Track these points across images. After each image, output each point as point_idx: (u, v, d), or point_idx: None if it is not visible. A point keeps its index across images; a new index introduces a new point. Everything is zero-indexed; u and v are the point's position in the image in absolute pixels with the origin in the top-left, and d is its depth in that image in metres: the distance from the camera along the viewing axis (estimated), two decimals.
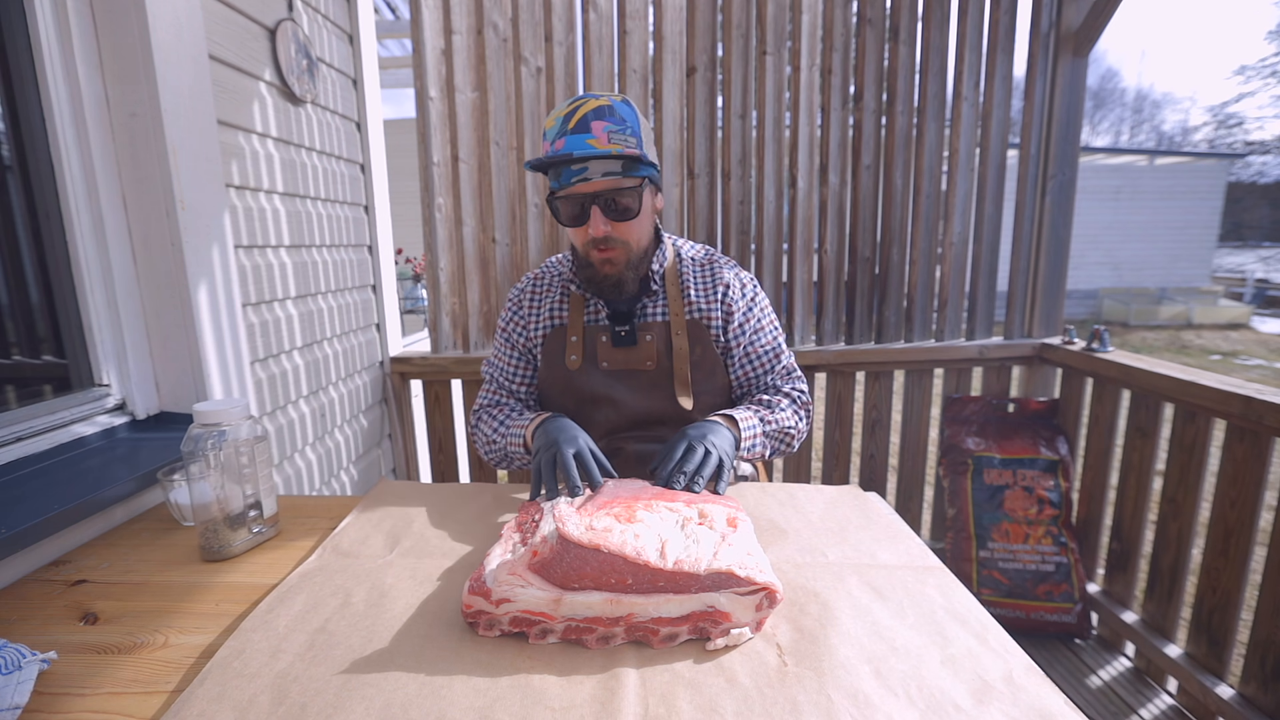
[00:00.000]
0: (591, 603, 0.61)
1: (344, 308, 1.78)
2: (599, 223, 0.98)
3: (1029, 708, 0.53)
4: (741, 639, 0.62)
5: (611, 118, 0.96)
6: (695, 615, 0.62)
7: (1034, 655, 1.40)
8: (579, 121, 0.95)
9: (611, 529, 0.66)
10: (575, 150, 0.93)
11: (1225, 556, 1.45)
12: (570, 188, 0.98)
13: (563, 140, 0.96)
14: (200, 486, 0.81)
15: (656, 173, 1.03)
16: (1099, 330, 1.89)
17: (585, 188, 0.97)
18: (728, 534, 0.69)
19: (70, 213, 1.06)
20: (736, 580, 0.62)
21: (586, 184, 0.97)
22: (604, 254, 1.03)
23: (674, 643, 0.62)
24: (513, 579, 0.62)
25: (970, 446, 1.98)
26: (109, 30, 1.06)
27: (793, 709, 0.53)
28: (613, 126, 0.96)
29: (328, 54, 1.70)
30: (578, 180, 0.96)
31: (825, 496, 0.96)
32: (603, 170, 0.96)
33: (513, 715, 0.52)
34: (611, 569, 0.61)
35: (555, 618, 0.62)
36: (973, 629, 0.63)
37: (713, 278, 1.13)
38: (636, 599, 0.61)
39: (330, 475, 1.70)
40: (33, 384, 1.07)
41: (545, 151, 0.99)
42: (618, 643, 0.62)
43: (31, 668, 0.58)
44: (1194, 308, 10.76)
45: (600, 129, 0.95)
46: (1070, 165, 1.96)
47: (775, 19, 1.87)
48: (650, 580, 0.62)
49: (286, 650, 0.61)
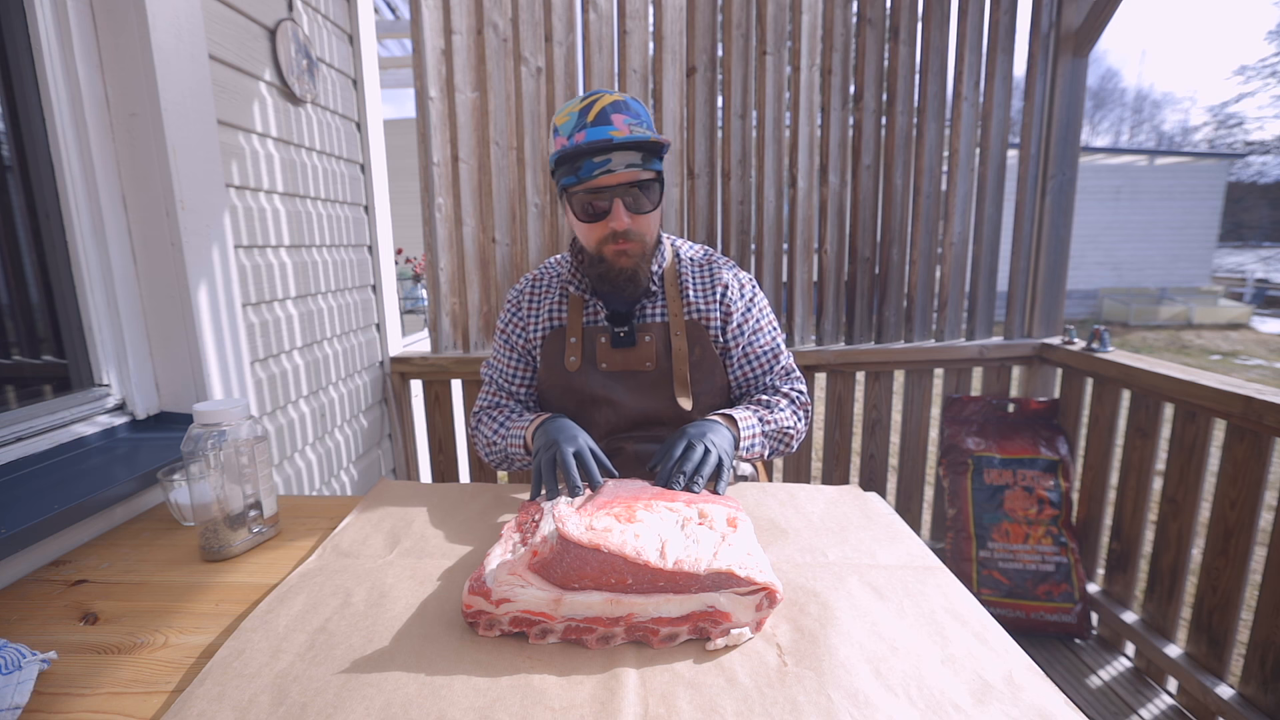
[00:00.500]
0: (591, 603, 0.61)
1: (344, 308, 1.78)
2: (621, 215, 0.98)
3: (1029, 707, 0.53)
4: (741, 639, 0.62)
5: (628, 111, 0.97)
6: (695, 615, 0.62)
7: (1034, 655, 1.40)
8: (598, 114, 0.96)
9: (611, 529, 0.66)
10: (595, 140, 0.93)
11: (1225, 556, 1.45)
12: (593, 180, 0.96)
13: (583, 133, 0.95)
14: (200, 486, 0.81)
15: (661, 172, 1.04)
16: (1099, 330, 1.89)
17: (609, 179, 0.96)
18: (728, 534, 0.69)
19: (70, 213, 1.06)
20: (736, 580, 0.62)
21: (610, 176, 0.96)
22: (619, 246, 1.02)
23: (674, 643, 0.62)
24: (513, 579, 0.62)
25: (970, 446, 1.98)
26: (109, 30, 1.06)
27: (793, 709, 0.53)
28: (631, 119, 0.97)
29: (328, 54, 1.70)
30: (600, 172, 0.96)
31: (825, 496, 0.96)
32: (625, 162, 0.96)
33: (513, 715, 0.52)
34: (611, 569, 0.61)
35: (555, 618, 0.62)
36: (973, 629, 0.63)
37: (711, 278, 1.13)
38: (636, 599, 0.61)
39: (330, 475, 1.70)
40: (33, 384, 1.07)
41: (559, 146, 0.99)
42: (618, 643, 0.62)
43: (31, 668, 0.58)
44: (1194, 308, 10.76)
45: (621, 121, 0.96)
46: (1070, 165, 1.96)
47: (775, 19, 1.87)
48: (650, 580, 0.62)
49: (287, 650, 0.61)
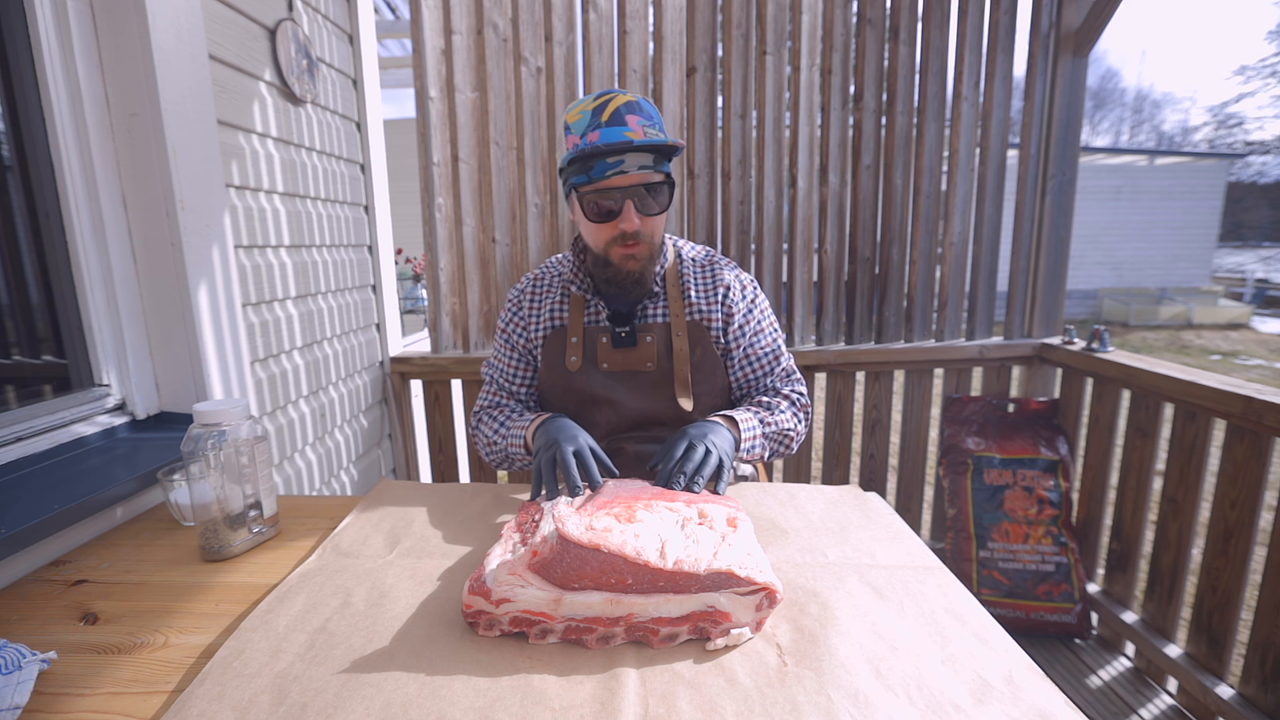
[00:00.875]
0: (591, 603, 0.61)
1: (344, 308, 1.78)
2: (632, 216, 0.97)
3: (1029, 707, 0.53)
4: (741, 639, 0.62)
5: (641, 112, 0.97)
6: (695, 615, 0.62)
7: (1034, 655, 1.40)
8: (613, 114, 0.95)
9: (611, 529, 0.66)
10: (614, 141, 0.93)
11: (1225, 556, 1.45)
12: (605, 180, 0.96)
13: (597, 133, 0.95)
14: (200, 486, 0.81)
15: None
16: (1099, 330, 1.89)
17: (621, 181, 0.96)
18: (728, 534, 0.69)
19: (70, 213, 1.06)
20: (736, 580, 0.62)
21: (623, 177, 0.96)
22: (628, 249, 1.01)
23: (674, 643, 0.62)
24: (513, 579, 0.62)
25: (970, 446, 1.98)
26: (109, 30, 1.06)
27: (793, 709, 0.53)
28: (645, 121, 0.96)
29: (328, 54, 1.70)
30: (613, 173, 0.95)
31: (825, 496, 0.96)
32: (638, 164, 0.96)
33: (513, 715, 0.52)
34: (611, 569, 0.61)
35: (555, 618, 0.62)
36: (973, 629, 0.63)
37: (713, 279, 1.14)
38: (636, 599, 0.61)
39: (330, 475, 1.70)
40: (33, 384, 1.07)
41: (572, 145, 0.99)
42: (618, 643, 0.62)
43: (32, 668, 0.58)
44: (1194, 308, 10.76)
45: (635, 122, 0.95)
46: (1070, 165, 1.96)
47: (775, 19, 1.87)
48: (650, 580, 0.62)
49: (287, 650, 0.61)
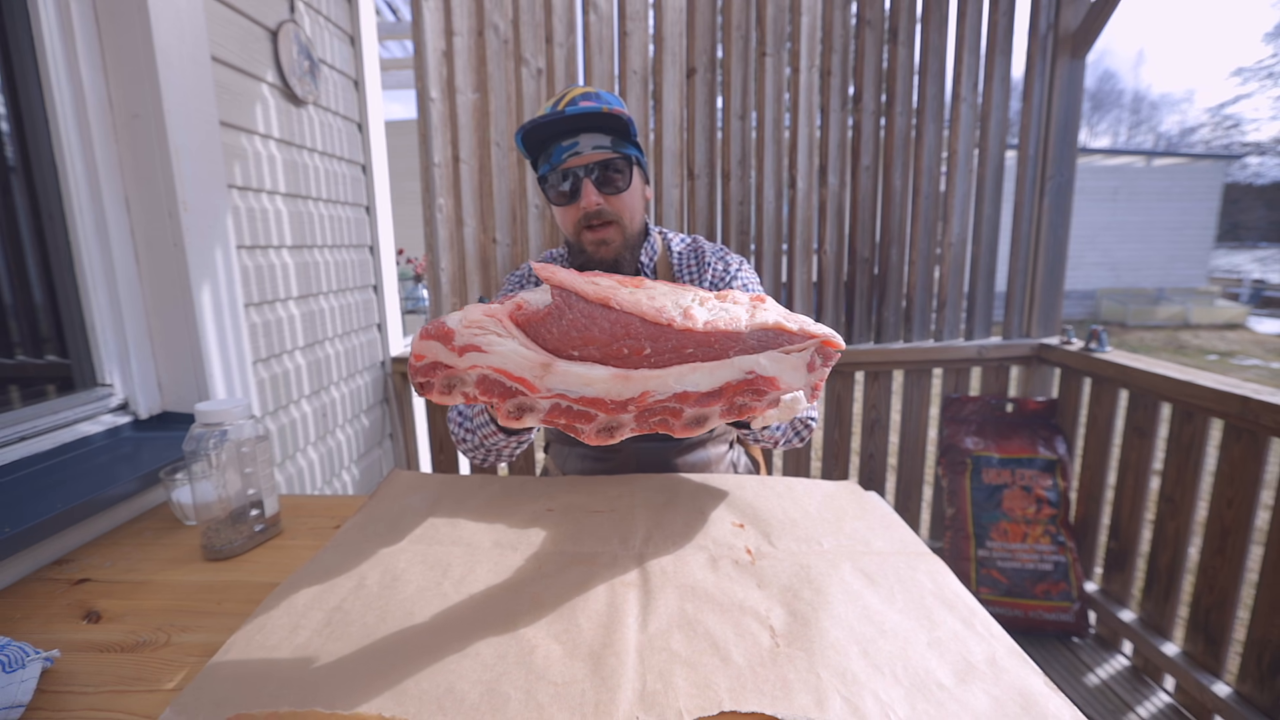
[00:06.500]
0: (593, 378, 0.47)
1: (345, 308, 1.78)
2: (591, 194, 1.00)
3: (1010, 687, 0.53)
4: (798, 406, 0.50)
5: (598, 99, 1.01)
6: (730, 388, 0.48)
7: (1032, 654, 1.41)
8: (568, 103, 1.00)
9: (618, 289, 0.51)
10: (568, 111, 0.97)
11: (1222, 555, 1.46)
12: (562, 164, 1.00)
13: None
14: (202, 486, 0.82)
15: (643, 159, 1.07)
16: (1097, 330, 1.89)
17: (576, 161, 0.99)
18: (757, 307, 0.55)
19: (73, 214, 1.06)
20: (788, 335, 0.49)
21: (578, 158, 0.99)
22: (597, 234, 1.03)
23: (701, 428, 0.50)
24: (489, 322, 0.48)
25: (969, 446, 1.99)
26: (112, 32, 1.07)
27: (783, 686, 0.54)
28: (598, 105, 1.00)
29: (329, 55, 1.70)
30: (569, 155, 0.99)
31: (823, 490, 0.96)
32: (593, 144, 0.99)
33: (517, 688, 0.54)
34: (626, 332, 0.47)
35: (539, 389, 0.48)
36: (960, 614, 0.64)
37: (699, 265, 1.15)
38: (652, 373, 0.48)
39: (332, 474, 1.70)
40: (36, 384, 1.07)
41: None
42: (624, 434, 0.50)
43: (34, 666, 0.59)
44: (1191, 308, 10.78)
45: (588, 107, 0.99)
46: (1068, 166, 1.97)
47: (775, 20, 1.88)
48: (676, 346, 0.47)
49: (304, 626, 0.63)
